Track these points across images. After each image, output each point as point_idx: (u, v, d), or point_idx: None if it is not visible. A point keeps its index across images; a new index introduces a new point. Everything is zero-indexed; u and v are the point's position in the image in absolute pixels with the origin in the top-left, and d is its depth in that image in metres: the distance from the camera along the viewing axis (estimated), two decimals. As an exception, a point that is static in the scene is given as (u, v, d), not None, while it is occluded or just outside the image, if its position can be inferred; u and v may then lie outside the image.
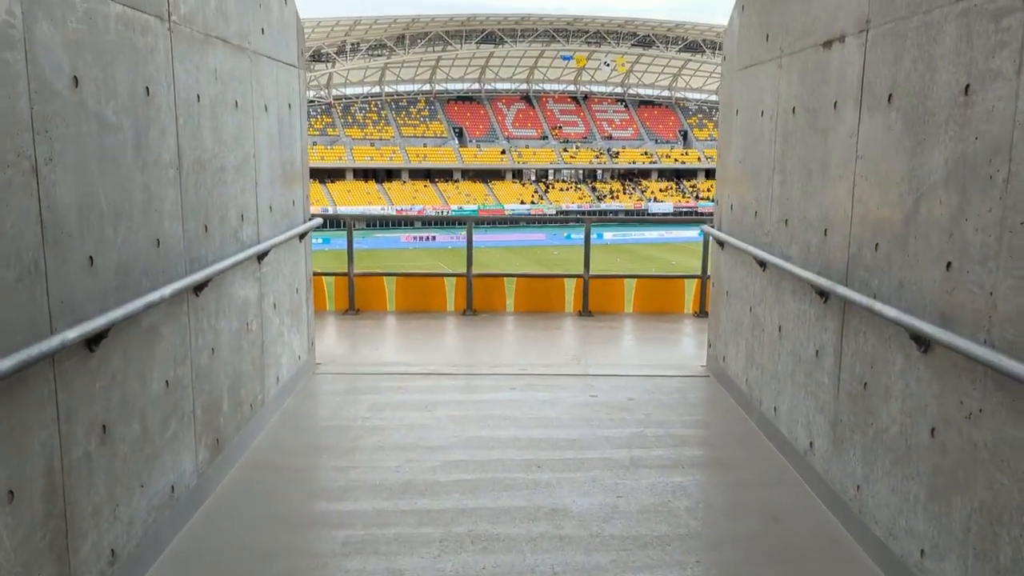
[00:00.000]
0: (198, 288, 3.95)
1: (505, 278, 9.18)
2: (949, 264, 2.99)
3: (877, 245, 3.57)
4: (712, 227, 6.41)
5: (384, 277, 9.04)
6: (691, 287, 9.16)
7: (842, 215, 3.95)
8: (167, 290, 3.39)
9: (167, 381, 3.63)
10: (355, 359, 7.08)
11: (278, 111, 5.39)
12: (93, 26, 2.93)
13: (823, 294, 4.16)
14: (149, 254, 3.41)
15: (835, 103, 4.03)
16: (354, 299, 8.73)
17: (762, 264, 5.14)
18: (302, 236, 6.01)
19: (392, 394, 5.95)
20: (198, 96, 3.94)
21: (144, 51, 3.34)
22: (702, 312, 8.80)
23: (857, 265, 3.78)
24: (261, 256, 4.98)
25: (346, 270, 8.75)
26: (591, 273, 8.79)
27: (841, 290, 3.79)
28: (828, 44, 4.10)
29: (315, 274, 8.82)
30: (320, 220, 6.29)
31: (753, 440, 5.10)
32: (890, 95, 3.44)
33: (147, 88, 3.36)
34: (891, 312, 3.23)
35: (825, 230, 4.17)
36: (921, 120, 3.19)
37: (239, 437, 4.66)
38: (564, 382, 6.30)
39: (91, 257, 2.93)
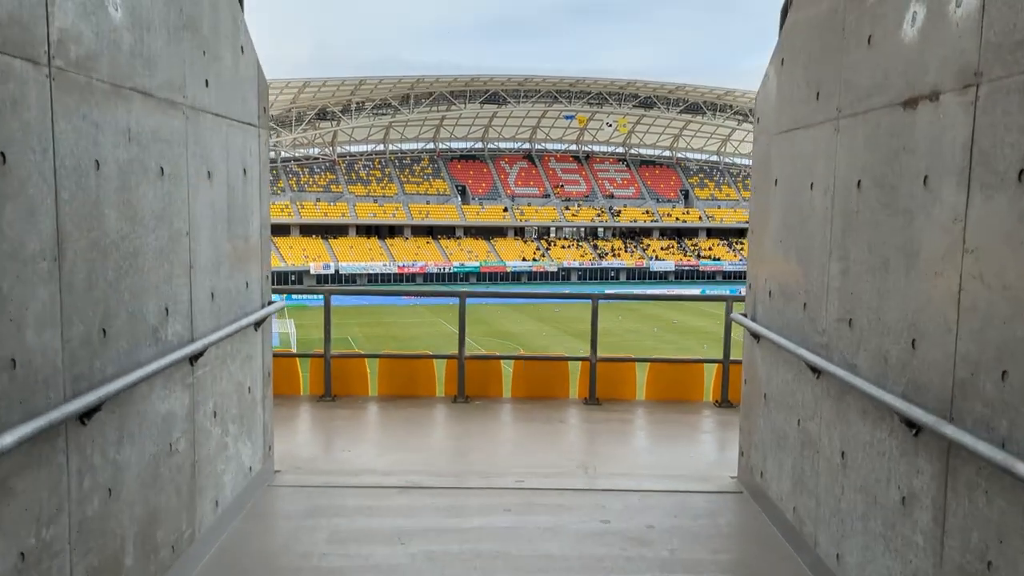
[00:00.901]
0: (87, 414, 2.96)
1: (502, 360, 8.18)
2: None
3: (1005, 374, 2.59)
4: (743, 314, 5.45)
5: (366, 359, 8.03)
6: (710, 371, 8.14)
7: (941, 325, 2.98)
8: (8, 438, 2.39)
9: (23, 553, 2.62)
10: (322, 464, 6.02)
11: (228, 178, 4.50)
12: None
13: (912, 424, 3.16)
14: (-6, 382, 2.44)
15: (924, 178, 3.11)
16: (331, 384, 7.71)
17: (815, 370, 4.15)
18: (259, 324, 5.05)
19: (360, 517, 4.89)
20: (97, 162, 3.03)
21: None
22: (724, 401, 7.76)
23: (970, 396, 2.79)
24: (195, 357, 4.01)
25: (323, 350, 7.76)
26: (599, 356, 7.79)
27: (950, 431, 2.80)
28: (911, 103, 3.21)
29: (289, 355, 7.84)
30: (283, 303, 5.34)
31: (811, 596, 4.03)
32: (1021, 171, 2.51)
33: (1, 154, 2.45)
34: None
35: (912, 340, 3.20)
36: (1082, 208, 2.25)
37: (150, 595, 3.60)
38: (570, 500, 5.23)
39: None
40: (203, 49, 4.06)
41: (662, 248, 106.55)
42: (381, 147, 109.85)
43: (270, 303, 5.27)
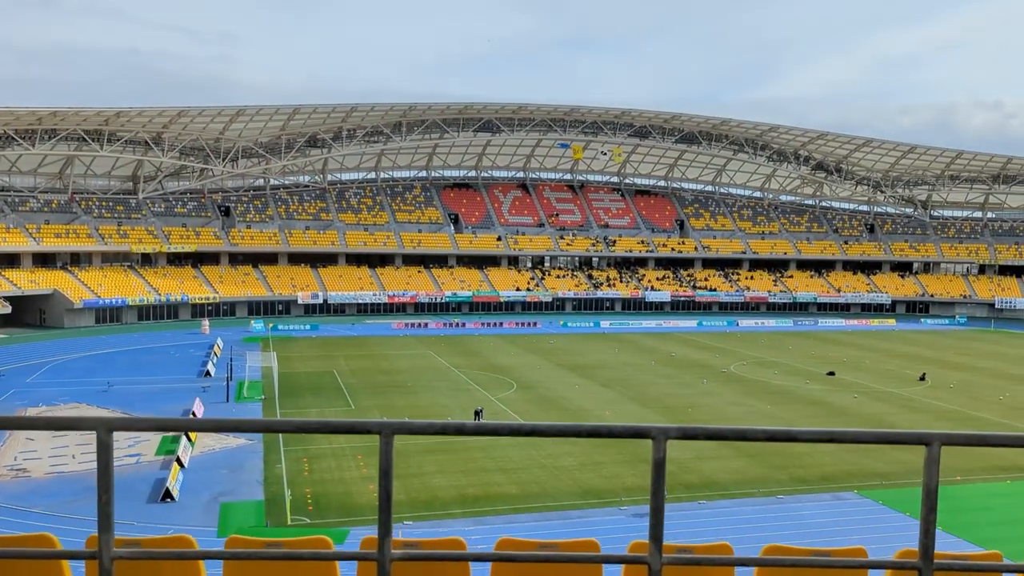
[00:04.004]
0: None
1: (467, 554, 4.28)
2: None
3: None
4: None
5: (201, 561, 4.13)
6: None
7: None
8: None
9: None
10: None
11: None
12: None
13: None
14: None
15: None
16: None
17: None
18: None
19: None
20: None
21: None
22: (903, 641, 3.88)
23: None
24: None
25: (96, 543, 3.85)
26: (667, 554, 3.90)
27: None
28: None
29: (41, 554, 3.97)
30: None
31: None
32: None
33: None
34: None
35: None
36: None
37: None
38: None
39: None
40: None
41: (658, 278, 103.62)
42: (372, 175, 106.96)
43: None
